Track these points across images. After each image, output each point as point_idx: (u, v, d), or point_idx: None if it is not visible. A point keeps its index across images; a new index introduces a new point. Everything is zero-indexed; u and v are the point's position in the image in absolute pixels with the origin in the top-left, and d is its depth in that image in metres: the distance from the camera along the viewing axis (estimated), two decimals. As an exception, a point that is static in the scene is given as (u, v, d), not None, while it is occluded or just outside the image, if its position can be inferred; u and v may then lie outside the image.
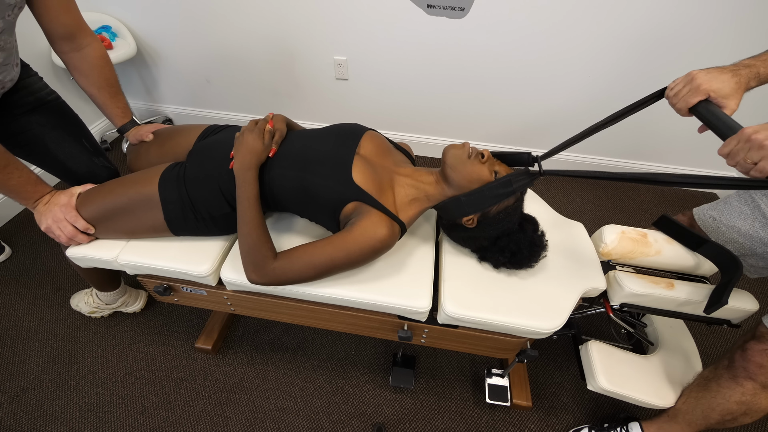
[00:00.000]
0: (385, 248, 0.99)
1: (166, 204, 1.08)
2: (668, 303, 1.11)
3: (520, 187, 0.97)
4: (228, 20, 2.19)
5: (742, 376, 1.01)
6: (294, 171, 1.02)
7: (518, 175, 0.97)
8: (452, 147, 1.02)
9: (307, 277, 1.00)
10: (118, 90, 1.22)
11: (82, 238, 1.14)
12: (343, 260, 0.97)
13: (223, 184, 1.06)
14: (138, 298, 1.69)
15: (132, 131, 1.27)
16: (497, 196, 0.97)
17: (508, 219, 1.01)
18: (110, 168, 1.32)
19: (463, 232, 1.10)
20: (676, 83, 0.89)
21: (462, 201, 1.01)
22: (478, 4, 1.88)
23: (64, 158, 1.22)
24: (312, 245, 0.99)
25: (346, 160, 1.02)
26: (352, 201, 0.99)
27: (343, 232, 0.99)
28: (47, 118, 1.19)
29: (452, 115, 2.36)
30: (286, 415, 1.41)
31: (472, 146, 1.02)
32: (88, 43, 1.12)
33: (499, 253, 1.08)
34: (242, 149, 1.00)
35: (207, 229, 1.15)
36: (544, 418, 1.43)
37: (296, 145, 1.07)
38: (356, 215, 0.99)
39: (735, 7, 1.72)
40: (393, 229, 0.99)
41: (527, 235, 1.05)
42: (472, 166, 0.99)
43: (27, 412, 1.39)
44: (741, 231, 1.09)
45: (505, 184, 0.97)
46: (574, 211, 2.27)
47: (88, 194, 1.13)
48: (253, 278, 0.99)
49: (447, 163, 1.02)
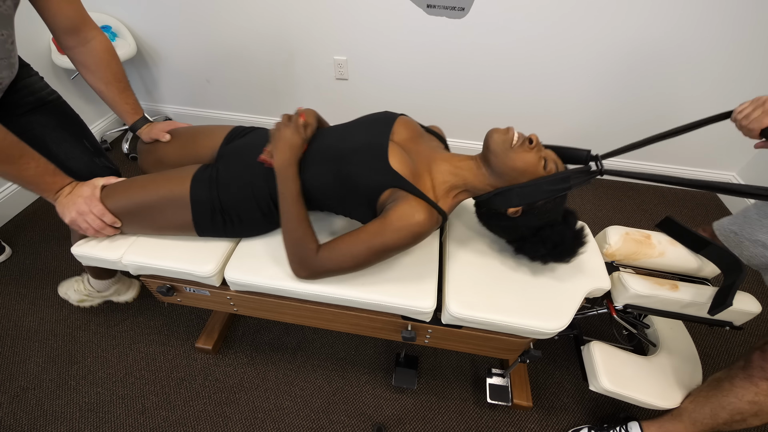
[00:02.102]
0: (424, 233, 0.95)
1: (195, 205, 1.08)
2: (672, 305, 1.11)
3: (577, 185, 0.93)
4: (228, 20, 2.18)
5: (759, 376, 1.02)
6: (329, 165, 1.00)
7: (577, 172, 0.94)
8: (495, 131, 0.96)
9: (347, 268, 0.99)
10: (126, 85, 1.21)
11: (110, 231, 1.12)
12: (380, 247, 0.94)
13: (257, 190, 1.06)
14: (130, 287, 1.67)
15: (144, 129, 1.25)
16: (553, 191, 0.94)
17: (555, 210, 0.99)
18: (112, 168, 1.30)
19: (504, 221, 1.05)
20: (744, 106, 0.95)
21: (516, 192, 0.96)
22: (478, 4, 1.88)
23: (65, 158, 1.19)
24: (350, 235, 0.97)
25: (382, 146, 0.99)
26: (390, 187, 0.96)
27: (379, 218, 0.96)
28: (48, 118, 1.18)
29: (452, 114, 2.36)
30: (286, 415, 1.41)
31: (518, 132, 0.96)
32: (93, 36, 1.12)
33: (541, 244, 1.04)
34: (281, 145, 0.99)
35: (234, 232, 1.15)
36: (545, 418, 1.43)
37: (327, 141, 1.06)
38: (392, 201, 0.96)
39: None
40: (432, 214, 0.95)
41: (571, 227, 1.03)
42: (518, 154, 0.93)
43: (27, 411, 1.39)
44: (766, 244, 1.10)
45: (563, 179, 0.93)
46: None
47: (115, 188, 1.11)
48: (299, 273, 0.99)
49: (490, 149, 0.96)
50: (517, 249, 1.11)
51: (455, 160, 1.05)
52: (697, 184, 0.85)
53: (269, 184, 1.04)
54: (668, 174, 0.84)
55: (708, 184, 0.85)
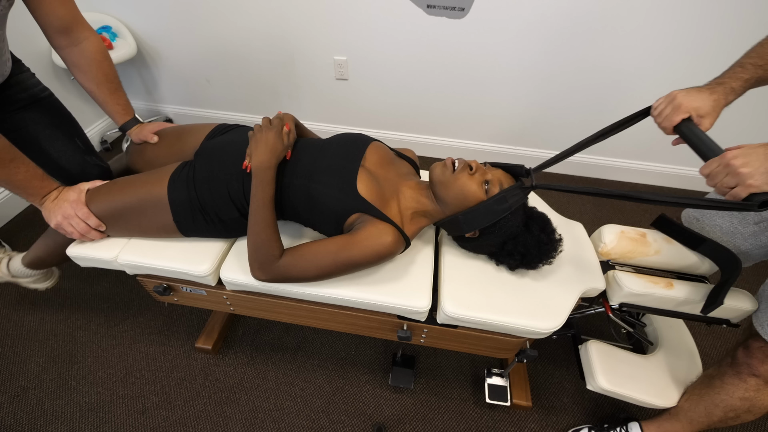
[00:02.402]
0: (388, 255, 0.99)
1: (174, 206, 1.08)
2: (667, 302, 1.11)
3: (516, 202, 0.97)
4: (228, 20, 2.19)
5: (746, 372, 1.02)
6: (301, 180, 1.03)
7: (512, 191, 0.98)
8: (436, 166, 1.03)
9: (309, 277, 1.00)
10: (117, 86, 1.21)
11: (95, 234, 1.13)
12: (345, 261, 0.97)
13: (233, 190, 1.06)
14: (49, 277, 1.61)
15: (134, 129, 1.26)
16: (494, 213, 0.97)
17: (509, 224, 1.00)
18: (102, 166, 1.32)
19: (470, 243, 1.10)
20: (659, 102, 0.94)
21: (460, 220, 1.01)
22: (478, 4, 1.88)
23: (57, 156, 1.22)
24: (316, 243, 0.99)
25: (351, 171, 1.02)
26: (356, 212, 0.99)
27: (348, 234, 0.99)
28: (41, 116, 1.19)
29: (452, 114, 2.36)
30: (286, 415, 1.41)
31: (458, 158, 1.02)
32: (85, 36, 1.11)
33: (509, 257, 1.07)
34: (262, 147, 0.99)
35: (217, 231, 1.15)
36: (544, 418, 1.43)
37: (302, 156, 1.08)
38: (360, 222, 1.00)
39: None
40: (398, 238, 0.99)
41: (534, 235, 1.03)
42: (460, 182, 0.99)
43: (27, 411, 1.40)
44: (723, 228, 1.12)
45: (500, 200, 0.97)
46: (574, 211, 2.27)
47: (97, 191, 1.12)
48: (257, 275, 0.99)
49: (433, 181, 1.03)
50: (497, 262, 1.14)
51: (419, 187, 1.10)
52: (621, 194, 0.86)
53: (244, 185, 1.05)
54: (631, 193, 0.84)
55: (629, 195, 0.85)
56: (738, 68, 0.91)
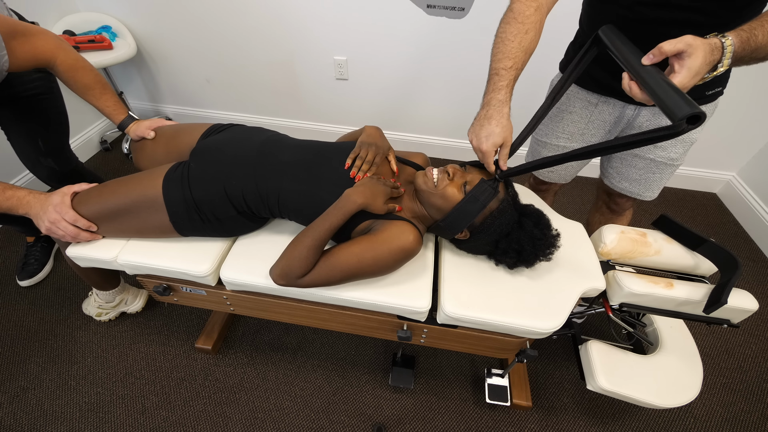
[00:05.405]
0: (412, 253, 1.00)
1: (170, 205, 1.07)
2: (667, 303, 1.11)
3: (488, 198, 0.97)
4: (228, 20, 2.19)
5: None
6: (306, 186, 1.05)
7: (480, 187, 0.98)
8: (418, 176, 1.04)
9: (333, 281, 1.00)
10: (102, 90, 1.21)
11: (86, 236, 1.13)
12: (371, 262, 0.98)
13: (230, 188, 1.06)
14: (138, 297, 1.69)
15: (132, 127, 1.26)
16: (469, 212, 0.98)
17: (499, 222, 0.99)
18: (54, 169, 1.50)
19: (464, 244, 1.11)
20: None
21: (441, 226, 1.03)
22: (478, 4, 1.88)
23: (18, 152, 1.45)
24: (338, 248, 1.00)
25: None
26: (368, 219, 1.01)
27: (369, 235, 1.00)
28: (15, 113, 1.35)
29: (452, 114, 2.36)
30: (286, 415, 1.41)
31: (439, 168, 1.03)
32: (54, 60, 1.11)
33: (505, 255, 1.06)
34: (366, 191, 0.99)
35: (214, 230, 1.15)
36: (544, 418, 1.43)
37: (310, 158, 1.09)
38: (378, 224, 1.01)
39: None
40: (419, 236, 1.00)
41: (527, 231, 1.02)
42: (441, 189, 1.00)
43: (27, 411, 1.40)
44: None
45: (471, 200, 0.98)
46: (574, 211, 2.27)
47: (88, 193, 1.12)
48: (278, 281, 1.00)
49: (417, 192, 1.05)
50: (495, 261, 1.13)
51: (413, 195, 1.11)
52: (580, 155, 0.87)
53: (243, 183, 1.05)
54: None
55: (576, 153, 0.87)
56: (495, 77, 0.97)
